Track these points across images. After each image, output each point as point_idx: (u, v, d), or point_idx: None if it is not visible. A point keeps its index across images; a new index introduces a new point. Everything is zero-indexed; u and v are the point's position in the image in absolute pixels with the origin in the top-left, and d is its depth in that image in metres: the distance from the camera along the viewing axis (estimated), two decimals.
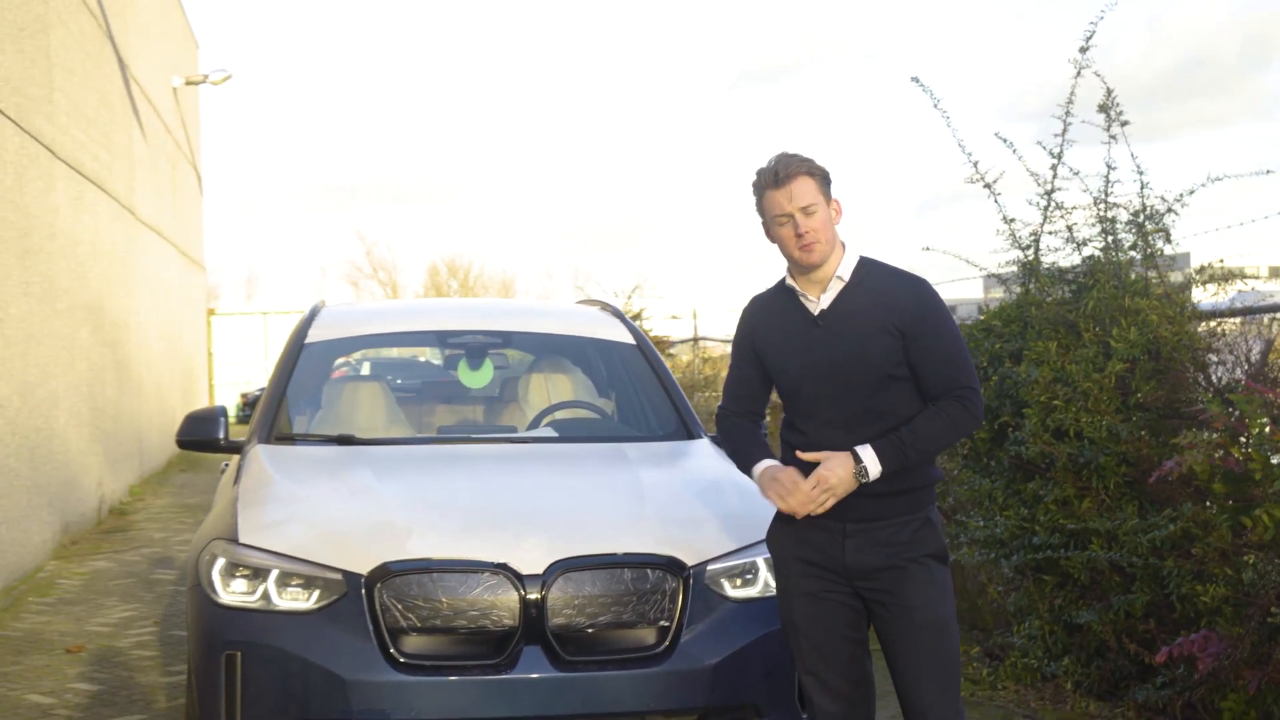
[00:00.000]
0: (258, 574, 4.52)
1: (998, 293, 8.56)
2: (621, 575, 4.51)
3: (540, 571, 4.44)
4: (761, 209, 4.09)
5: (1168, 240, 7.47)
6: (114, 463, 14.61)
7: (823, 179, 4.07)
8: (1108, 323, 7.14)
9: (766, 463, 4.07)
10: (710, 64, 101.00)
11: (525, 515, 4.73)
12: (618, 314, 6.81)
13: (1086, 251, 7.55)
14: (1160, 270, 7.35)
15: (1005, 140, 7.61)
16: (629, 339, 6.50)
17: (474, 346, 6.57)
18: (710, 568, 4.63)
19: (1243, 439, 5.99)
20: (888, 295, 4.05)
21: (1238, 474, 6.06)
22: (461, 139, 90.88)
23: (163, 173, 19.84)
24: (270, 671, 4.40)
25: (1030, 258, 7.77)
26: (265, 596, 4.49)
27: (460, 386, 6.91)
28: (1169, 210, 7.38)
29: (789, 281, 4.14)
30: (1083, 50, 7.66)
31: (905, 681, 4.02)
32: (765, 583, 4.68)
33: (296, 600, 4.47)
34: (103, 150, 14.49)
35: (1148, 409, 6.94)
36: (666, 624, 4.53)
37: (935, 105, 7.81)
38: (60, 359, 11.82)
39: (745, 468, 4.17)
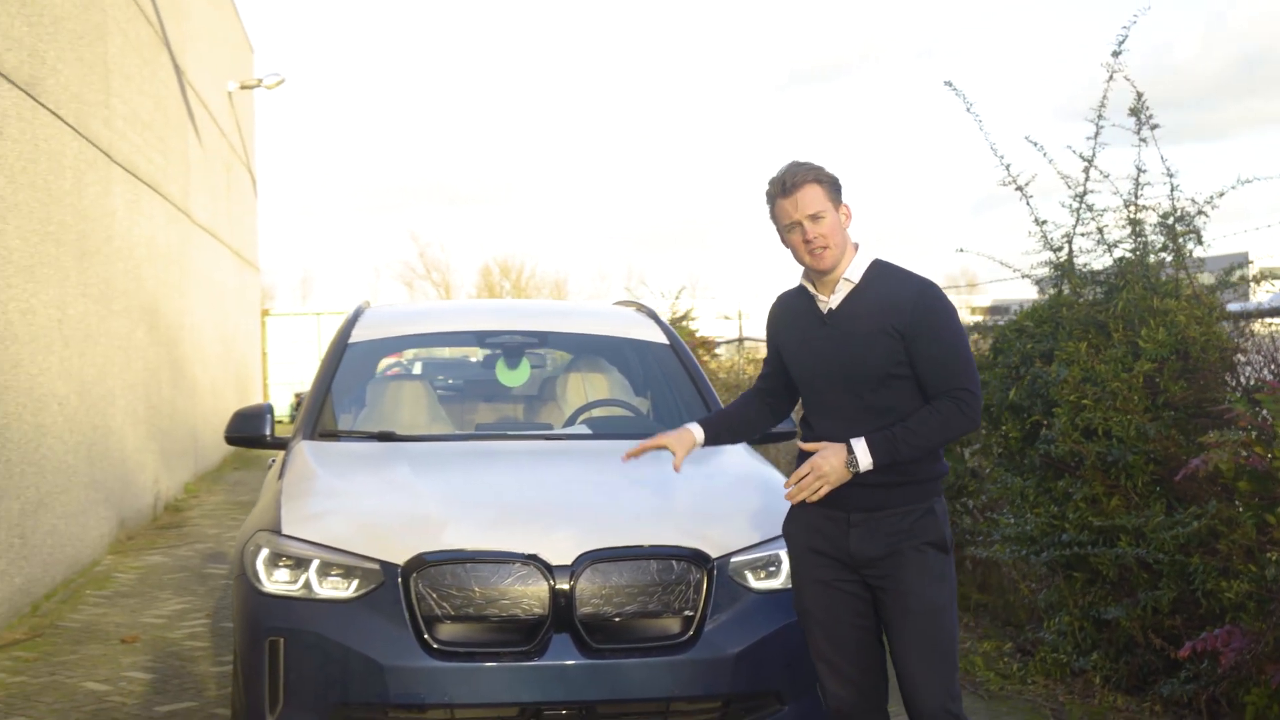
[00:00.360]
0: (300, 564, 4.72)
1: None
2: (647, 566, 4.68)
3: (569, 562, 4.61)
4: (773, 217, 4.26)
5: (1199, 242, 7.57)
6: (169, 460, 14.91)
7: (831, 186, 4.22)
8: (1137, 323, 7.24)
9: (689, 426, 4.52)
10: (763, 63, 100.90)
11: (555, 508, 4.91)
12: (652, 315, 6.99)
13: (1117, 253, 7.66)
14: (1189, 272, 7.45)
15: (1035, 144, 7.73)
16: (662, 339, 6.67)
17: (511, 346, 6.75)
18: (734, 560, 4.79)
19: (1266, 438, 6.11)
20: (891, 297, 4.21)
21: (1262, 472, 6.18)
22: (516, 140, 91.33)
23: (217, 176, 20.16)
24: (311, 657, 4.59)
25: (1062, 259, 7.88)
26: (307, 585, 4.69)
27: (501, 385, 7.10)
28: (1199, 212, 7.48)
29: (804, 282, 4.32)
30: (1115, 54, 7.75)
31: (900, 663, 4.18)
32: (787, 575, 4.82)
33: (336, 589, 4.66)
34: (158, 154, 14.79)
35: (1176, 408, 7.04)
36: (691, 614, 4.69)
37: (968, 109, 7.94)
38: (117, 358, 12.10)
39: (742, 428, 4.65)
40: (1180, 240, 7.47)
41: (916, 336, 4.16)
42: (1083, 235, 7.83)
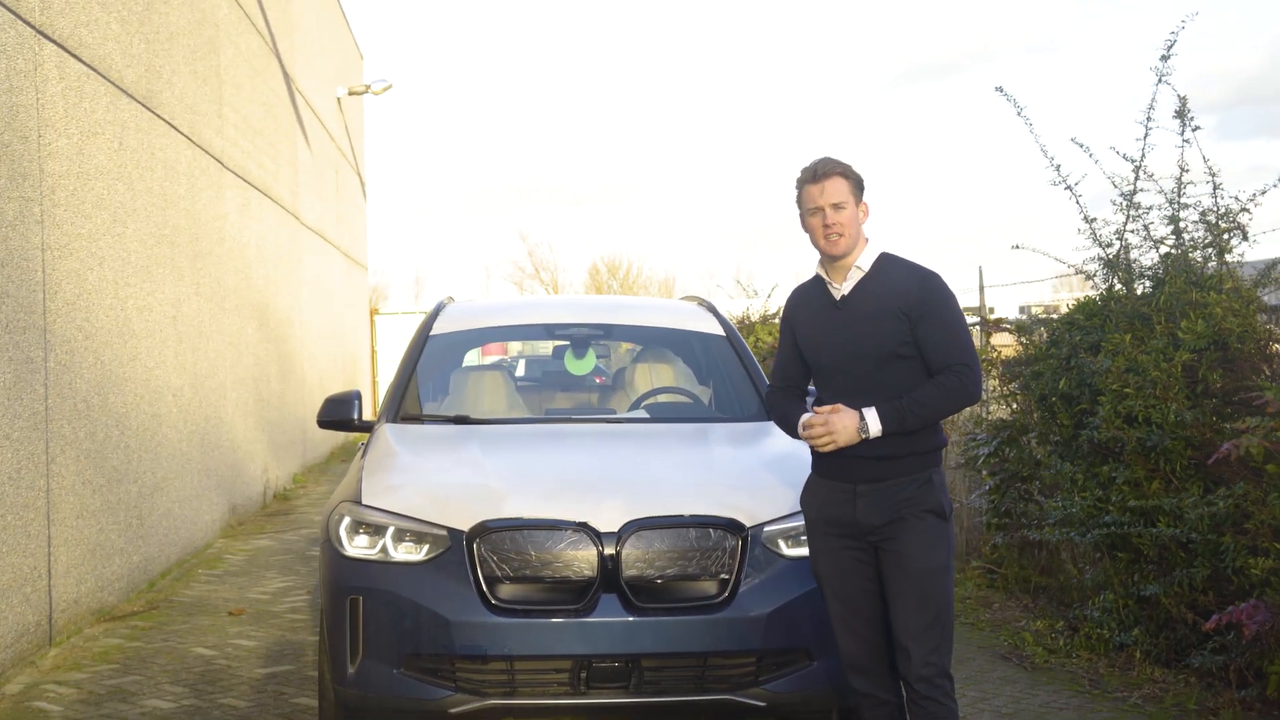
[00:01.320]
0: (377, 530, 5.28)
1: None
2: (687, 534, 5.17)
3: (616, 530, 5.12)
4: (799, 201, 4.76)
5: (1244, 238, 7.90)
6: (278, 451, 15.65)
7: (855, 183, 4.73)
8: (1177, 316, 7.59)
9: (805, 416, 4.74)
10: (873, 61, 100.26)
11: (605, 482, 5.42)
12: (711, 309, 7.49)
13: (1163, 250, 8.02)
14: (1229, 267, 7.78)
15: (1082, 145, 8.10)
16: (719, 331, 7.17)
17: (578, 338, 7.30)
18: (767, 529, 5.26)
19: None
20: (898, 284, 4.69)
21: None
22: (626, 140, 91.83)
23: (326, 179, 20.93)
24: (386, 612, 5.14)
25: (1111, 255, 8.25)
26: (383, 550, 5.24)
27: (576, 375, 7.64)
28: (1242, 209, 7.81)
29: (819, 270, 4.81)
30: (1164, 59, 8.10)
31: (896, 619, 4.62)
32: None
33: (409, 553, 5.21)
34: (268, 159, 15.53)
35: (1214, 396, 7.39)
36: (726, 577, 5.17)
37: (1019, 113, 8.33)
38: (228, 354, 12.82)
39: (791, 427, 4.85)
40: (1224, 236, 7.82)
41: (921, 318, 4.63)
42: (1131, 233, 8.20)
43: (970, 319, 11.87)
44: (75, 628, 8.02)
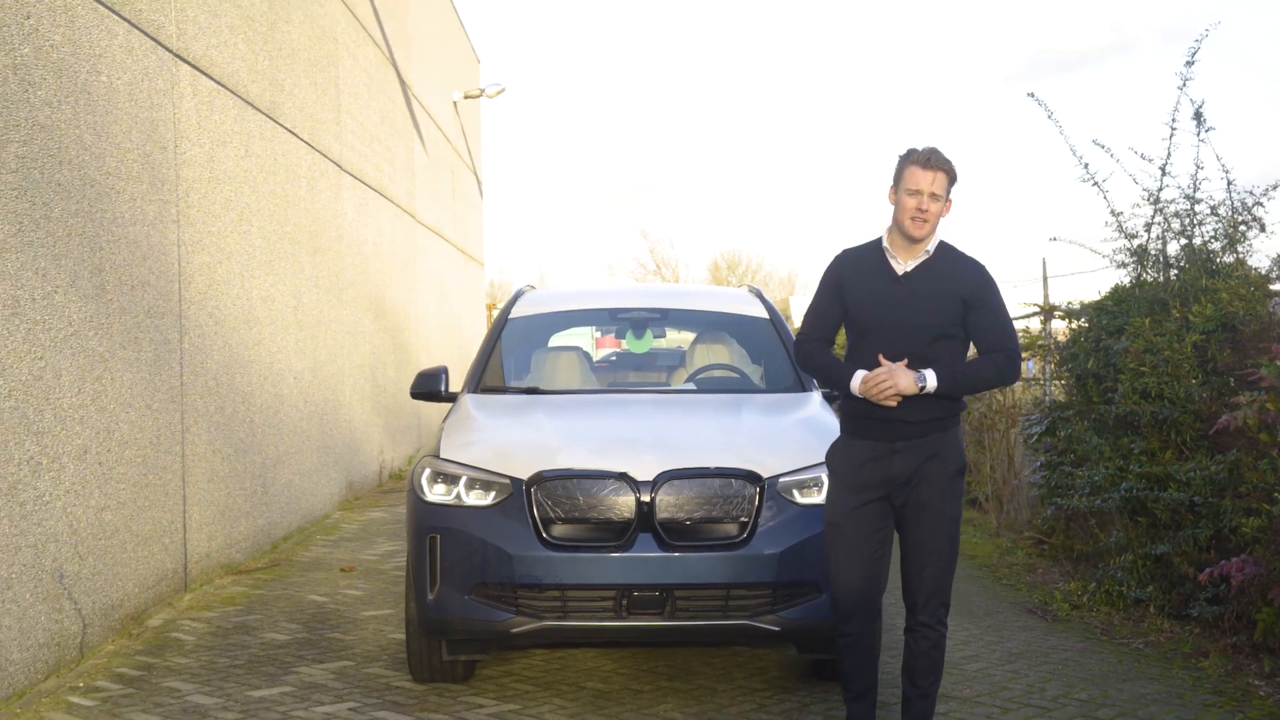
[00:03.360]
0: (452, 480, 6.24)
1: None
2: (712, 483, 6.07)
3: (651, 479, 6.03)
4: (900, 176, 5.31)
5: (1262, 229, 8.61)
6: (393, 434, 16.77)
7: (954, 181, 5.35)
8: (1190, 301, 8.33)
9: (861, 373, 5.33)
10: (997, 54, 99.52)
11: (644, 439, 6.34)
12: (758, 294, 8.38)
13: (1182, 242, 8.76)
14: (1240, 256, 8.50)
15: (1103, 146, 8.86)
16: (764, 314, 8.08)
17: (638, 321, 8.25)
18: (782, 480, 6.14)
19: None
20: (958, 272, 5.38)
21: (1274, 424, 7.26)
22: (747, 135, 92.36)
23: (442, 180, 22.08)
24: (460, 548, 6.10)
25: (1136, 246, 8.99)
26: (457, 496, 6.20)
27: (646, 356, 8.60)
28: (1257, 203, 8.53)
29: (885, 243, 5.42)
30: (1188, 64, 8.83)
31: (913, 560, 5.38)
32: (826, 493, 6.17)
33: (479, 498, 6.16)
34: (385, 162, 16.66)
35: (1221, 374, 8.13)
36: (746, 520, 6.05)
37: (1049, 116, 9.10)
38: (345, 342, 13.94)
39: (843, 379, 5.38)
40: (1238, 228, 8.54)
41: (978, 305, 5.34)
42: (1156, 224, 8.94)
43: (1031, 308, 12.62)
44: (207, 578, 9.12)
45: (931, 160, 5.28)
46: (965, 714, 6.14)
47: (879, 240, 5.49)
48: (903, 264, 5.39)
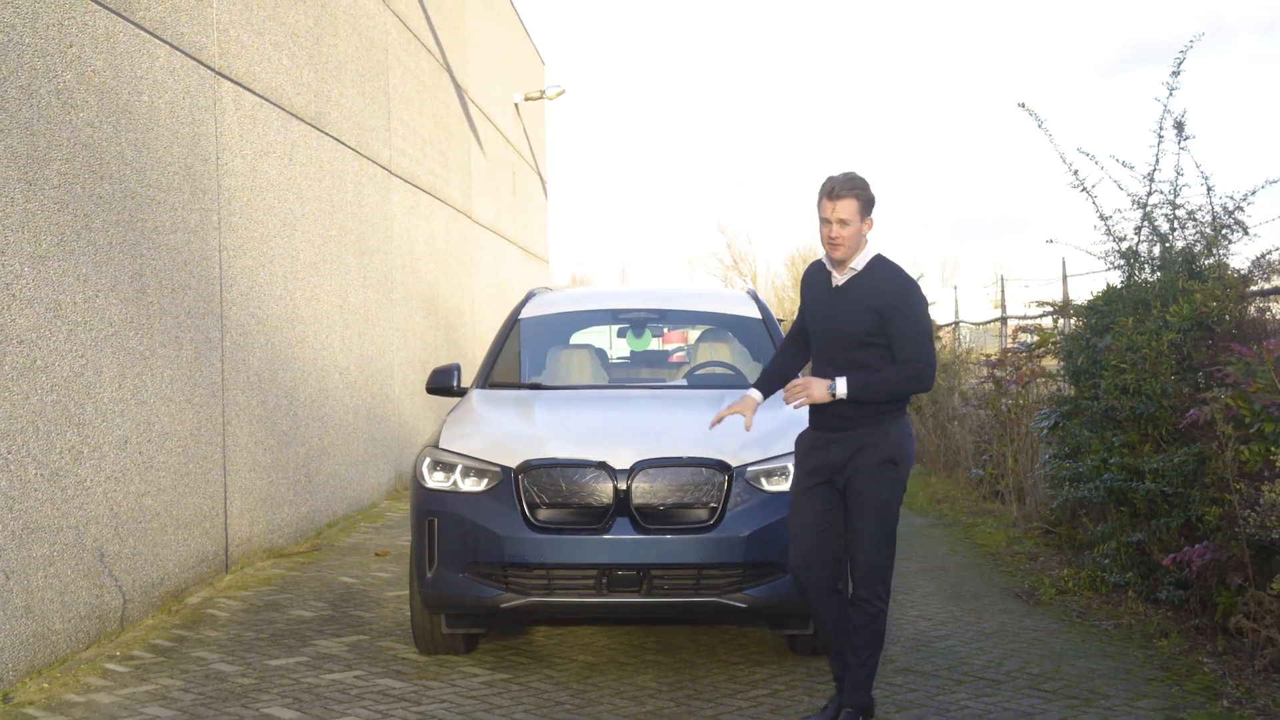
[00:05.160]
0: (449, 468, 6.83)
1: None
2: (684, 471, 6.61)
3: (628, 467, 6.58)
4: (817, 208, 5.89)
5: (1245, 232, 9.00)
6: None
7: (865, 203, 5.85)
8: (1169, 301, 8.75)
9: (749, 391, 6.20)
10: (1089, 45, 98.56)
11: (623, 431, 6.90)
12: (753, 296, 8.92)
13: (1166, 244, 9.17)
14: (1219, 258, 8.89)
15: (1089, 154, 9.28)
16: (756, 315, 8.60)
17: (637, 320, 8.82)
18: (750, 469, 6.67)
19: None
20: (879, 286, 5.90)
21: (1237, 417, 7.68)
22: (825, 128, 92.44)
23: (501, 180, 22.73)
24: (455, 530, 6.68)
25: (1125, 248, 9.40)
26: (454, 482, 6.78)
27: (654, 354, 9.17)
28: (1237, 208, 8.92)
29: (825, 260, 6.00)
30: (1174, 74, 9.24)
31: (850, 538, 5.91)
32: (790, 480, 6.69)
33: (473, 485, 6.74)
34: (438, 165, 17.31)
35: (1196, 370, 8.54)
36: (715, 505, 6.59)
37: (1039, 126, 9.53)
38: (395, 339, 14.60)
39: (770, 382, 6.24)
40: (1222, 232, 8.93)
41: (892, 317, 5.85)
42: (1144, 226, 9.34)
43: (1045, 307, 13.01)
44: (248, 560, 9.78)
45: (836, 190, 5.80)
46: (919, 685, 6.63)
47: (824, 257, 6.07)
48: (838, 277, 5.96)
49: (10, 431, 6.58)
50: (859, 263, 5.92)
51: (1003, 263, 67.76)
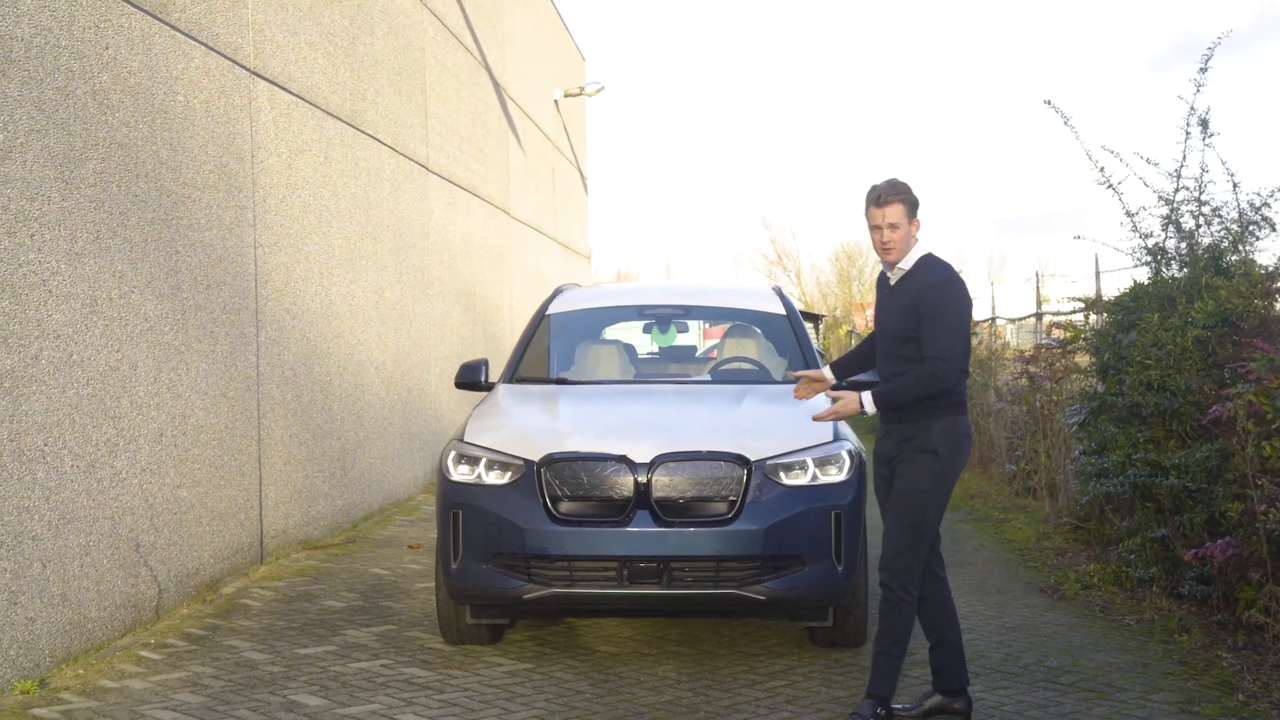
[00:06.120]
0: (474, 461, 6.96)
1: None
2: (703, 465, 6.71)
3: (648, 461, 6.69)
4: (866, 216, 6.09)
5: (1272, 229, 9.03)
6: None
7: (910, 206, 6.03)
8: (1194, 297, 8.78)
9: (824, 368, 6.57)
10: (1138, 38, 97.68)
11: (644, 425, 7.00)
12: (778, 292, 9.00)
13: (1191, 241, 9.20)
14: (1244, 254, 8.92)
15: (1114, 152, 9.32)
16: (781, 311, 8.69)
17: (663, 316, 8.92)
18: (769, 463, 6.76)
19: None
20: (920, 283, 6.03)
21: (1260, 415, 7.72)
22: (875, 124, 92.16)
23: (540, 176, 22.87)
24: (479, 522, 6.81)
25: (1151, 245, 9.44)
26: (478, 475, 6.91)
27: (682, 349, 9.28)
28: (1264, 204, 8.95)
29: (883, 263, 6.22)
30: (1201, 71, 9.27)
31: (885, 525, 6.04)
32: (812, 474, 6.78)
33: (496, 478, 6.86)
34: (476, 162, 17.46)
35: (1221, 367, 8.57)
36: (734, 499, 6.69)
37: (1065, 123, 9.57)
38: (432, 334, 14.75)
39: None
40: (1247, 228, 8.96)
41: (922, 314, 5.99)
42: (1171, 223, 9.37)
43: (1076, 303, 13.03)
44: (283, 552, 9.95)
45: (883, 198, 6.00)
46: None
47: None
48: (893, 278, 6.16)
49: (47, 424, 6.75)
50: (907, 262, 6.09)
51: (1048, 259, 67.46)
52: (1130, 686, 6.54)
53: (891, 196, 5.99)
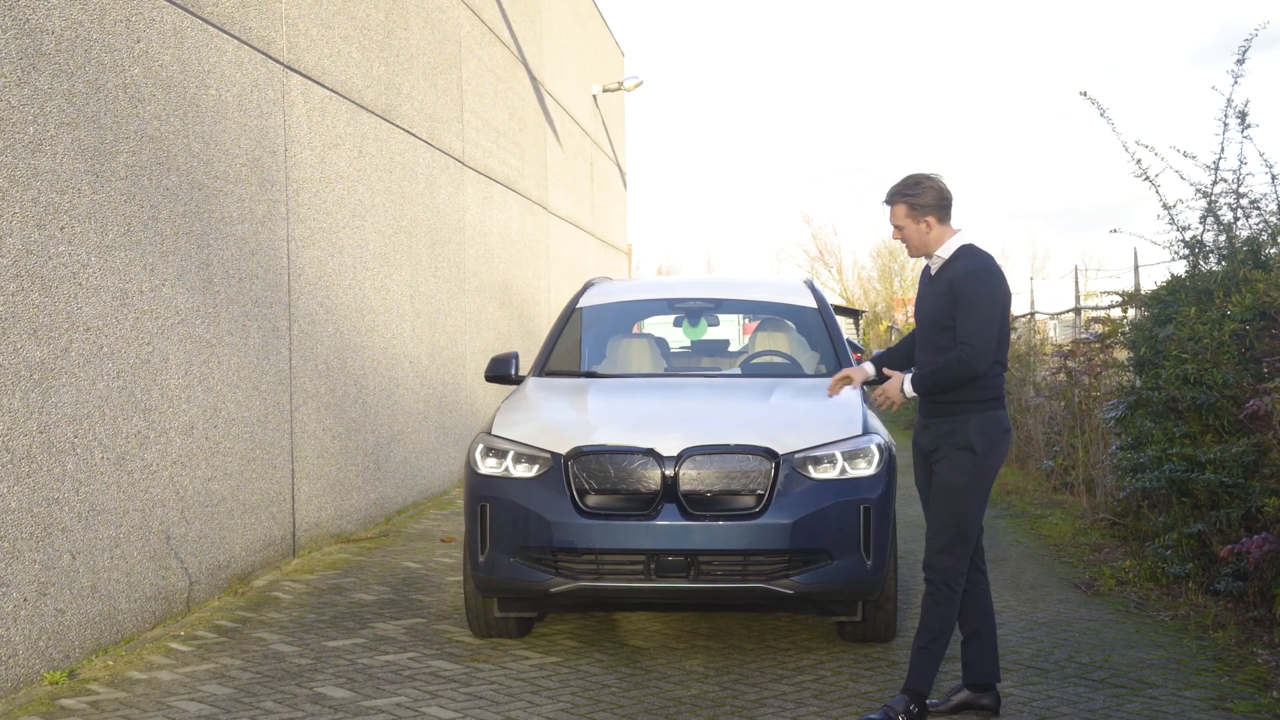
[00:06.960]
0: (501, 454, 6.95)
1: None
2: (731, 458, 6.68)
3: (675, 454, 6.66)
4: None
5: None
6: None
7: (913, 206, 6.02)
8: (1232, 290, 8.69)
9: (866, 364, 6.63)
10: (1182, 29, 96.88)
11: (672, 419, 6.98)
12: (811, 286, 8.95)
13: (1229, 234, 9.11)
14: None
15: (1148, 146, 9.24)
16: (812, 304, 8.64)
17: (693, 310, 8.88)
18: (796, 456, 6.72)
19: None
20: (955, 271, 6.01)
21: None
22: (923, 118, 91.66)
23: (579, 171, 22.86)
24: (506, 515, 6.80)
25: (1190, 238, 9.34)
26: (505, 469, 6.90)
27: (713, 343, 9.24)
28: None
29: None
30: (1239, 62, 9.17)
31: (927, 521, 6.01)
32: (841, 468, 6.74)
33: (524, 471, 6.85)
34: (513, 157, 17.46)
35: (1259, 361, 8.47)
36: (762, 493, 6.65)
37: (1102, 114, 9.48)
38: (467, 329, 14.76)
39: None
40: None
41: (956, 301, 5.97)
42: (1210, 217, 9.28)
43: (1113, 297, 12.92)
44: (316, 545, 9.97)
45: (887, 199, 6.12)
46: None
47: None
48: (932, 268, 6.16)
49: (77, 416, 6.78)
50: (945, 251, 6.08)
51: (1091, 253, 66.93)
52: (1162, 683, 6.47)
53: (895, 197, 6.08)
